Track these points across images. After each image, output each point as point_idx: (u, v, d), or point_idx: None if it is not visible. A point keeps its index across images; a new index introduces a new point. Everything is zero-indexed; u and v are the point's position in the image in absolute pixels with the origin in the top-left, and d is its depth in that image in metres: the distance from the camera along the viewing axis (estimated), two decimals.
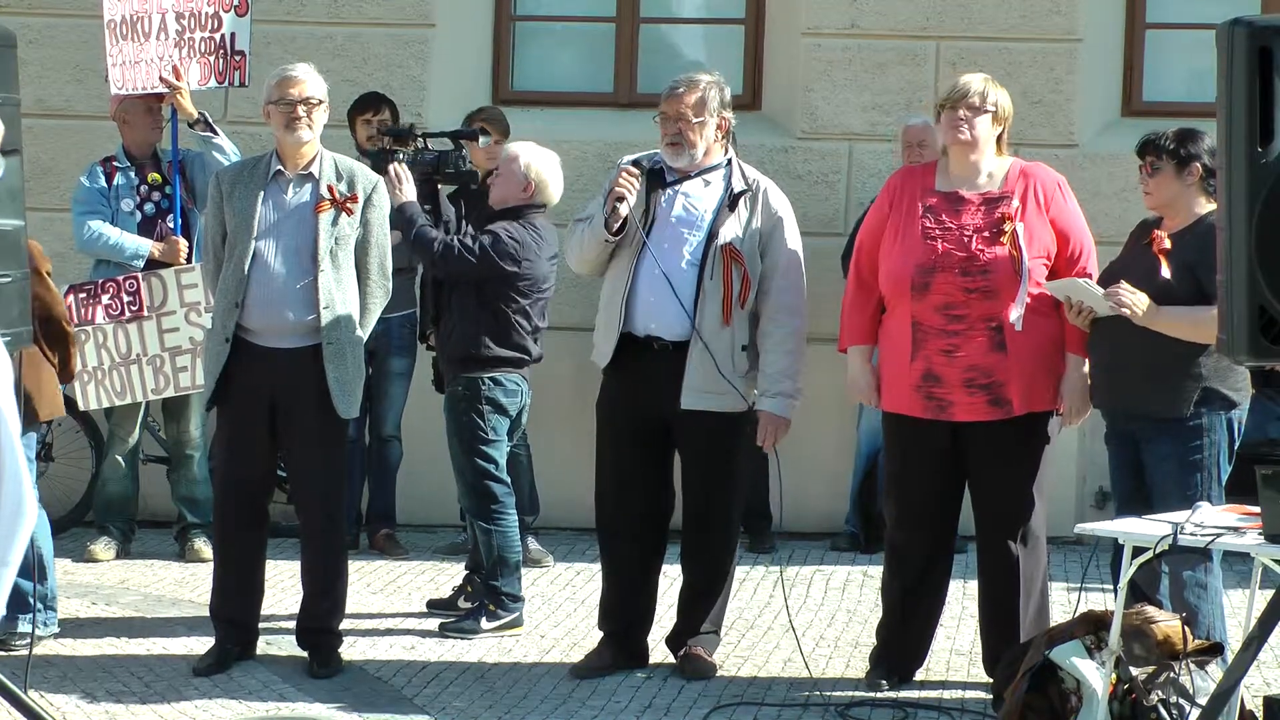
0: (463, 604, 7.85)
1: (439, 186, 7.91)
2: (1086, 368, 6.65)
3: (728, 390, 6.84)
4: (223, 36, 8.68)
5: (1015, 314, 6.52)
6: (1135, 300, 6.35)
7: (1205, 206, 6.45)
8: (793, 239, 6.98)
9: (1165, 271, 6.42)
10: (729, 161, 6.99)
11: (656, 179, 6.93)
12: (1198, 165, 6.46)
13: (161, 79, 8.66)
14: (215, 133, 8.54)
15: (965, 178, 6.68)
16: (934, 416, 6.63)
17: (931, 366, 6.60)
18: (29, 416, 6.95)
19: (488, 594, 7.59)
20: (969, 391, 6.59)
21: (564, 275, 7.92)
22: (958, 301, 6.56)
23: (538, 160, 7.54)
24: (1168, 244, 6.47)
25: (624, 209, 6.81)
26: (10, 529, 2.38)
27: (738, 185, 6.93)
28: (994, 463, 6.67)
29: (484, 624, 7.54)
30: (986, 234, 6.59)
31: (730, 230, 6.86)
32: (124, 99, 8.82)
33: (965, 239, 6.58)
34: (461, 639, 7.46)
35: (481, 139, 8.33)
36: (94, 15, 9.42)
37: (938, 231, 6.61)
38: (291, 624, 7.22)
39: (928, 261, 6.57)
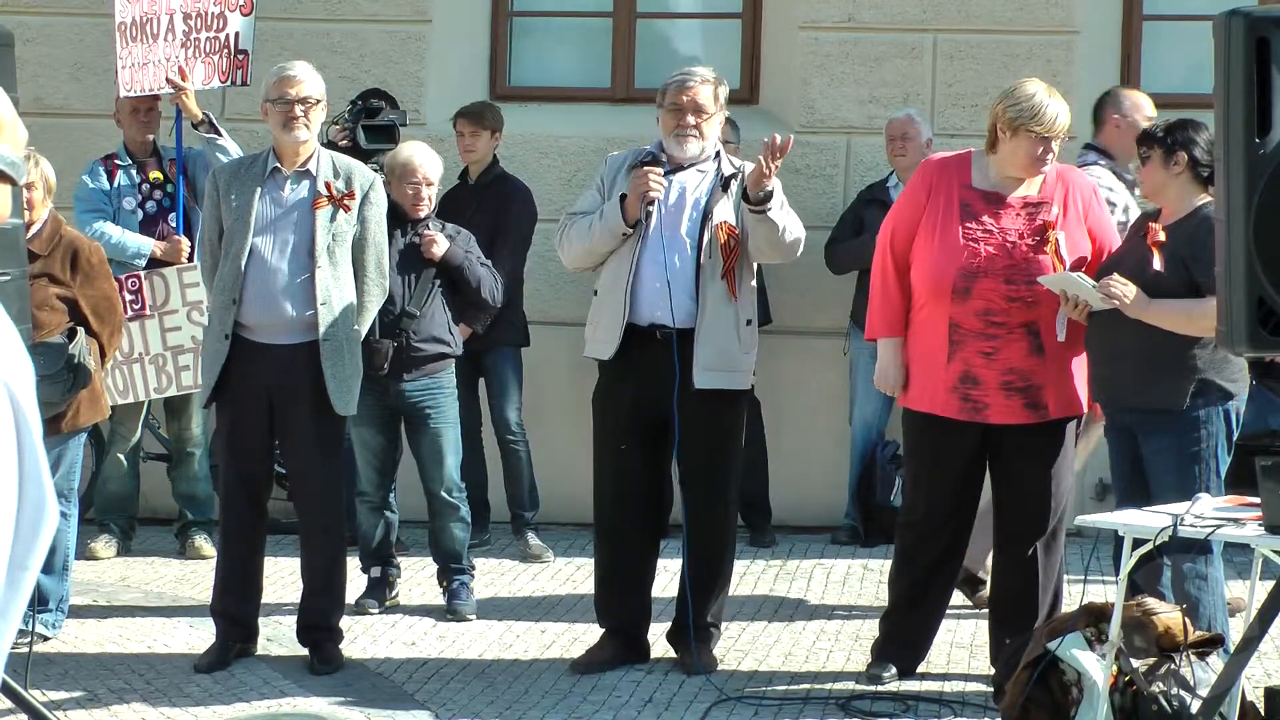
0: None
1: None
2: None
3: (735, 368, 6.86)
4: (227, 36, 8.67)
5: (1060, 327, 6.51)
6: (1124, 291, 6.34)
7: (1201, 199, 6.45)
8: None
9: (1157, 263, 6.42)
10: (717, 153, 7.02)
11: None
12: (1183, 155, 6.45)
13: (168, 80, 8.66)
14: (220, 134, 8.53)
15: (1009, 181, 6.64)
16: (968, 418, 6.60)
17: (970, 368, 6.56)
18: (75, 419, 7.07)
19: (468, 571, 7.92)
20: (1006, 394, 6.55)
21: (561, 270, 7.94)
22: (998, 309, 6.51)
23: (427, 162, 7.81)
24: (1162, 236, 6.46)
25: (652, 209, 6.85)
26: (32, 532, 2.37)
27: (727, 170, 6.95)
28: (1026, 465, 6.66)
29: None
30: (1030, 241, 6.54)
31: (724, 210, 6.88)
32: (120, 99, 8.82)
33: (1009, 245, 6.53)
34: (456, 622, 7.59)
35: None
36: (92, 13, 9.43)
37: (979, 234, 6.55)
38: (292, 621, 7.23)
39: (971, 266, 6.51)
